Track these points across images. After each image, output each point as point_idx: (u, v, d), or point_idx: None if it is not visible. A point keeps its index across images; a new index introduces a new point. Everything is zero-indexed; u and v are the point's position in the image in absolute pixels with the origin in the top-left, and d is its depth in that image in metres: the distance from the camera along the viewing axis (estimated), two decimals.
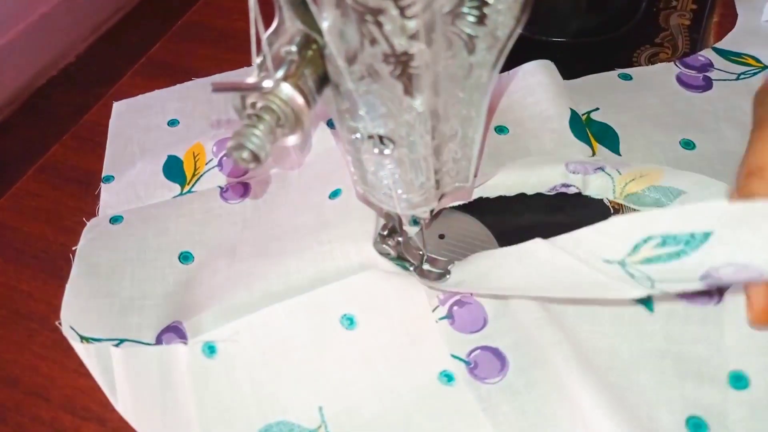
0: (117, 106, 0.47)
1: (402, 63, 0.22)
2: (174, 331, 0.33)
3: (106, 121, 0.46)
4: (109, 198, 0.41)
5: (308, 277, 0.33)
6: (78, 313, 0.34)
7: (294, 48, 0.23)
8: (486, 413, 0.29)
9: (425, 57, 0.22)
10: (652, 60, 0.45)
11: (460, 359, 0.31)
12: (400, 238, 0.34)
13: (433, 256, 0.35)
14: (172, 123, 0.45)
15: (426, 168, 0.27)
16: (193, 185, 0.40)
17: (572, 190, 0.37)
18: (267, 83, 0.23)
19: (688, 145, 0.39)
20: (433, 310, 0.32)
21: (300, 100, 0.23)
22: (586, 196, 0.37)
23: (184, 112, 0.46)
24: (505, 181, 0.37)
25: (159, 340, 0.33)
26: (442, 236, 0.36)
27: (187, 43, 0.52)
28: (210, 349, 0.30)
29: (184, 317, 0.33)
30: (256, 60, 0.23)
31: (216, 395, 0.30)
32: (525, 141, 0.39)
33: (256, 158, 0.23)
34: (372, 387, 0.30)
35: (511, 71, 0.42)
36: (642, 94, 0.42)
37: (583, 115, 0.40)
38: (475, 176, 0.30)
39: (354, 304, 0.31)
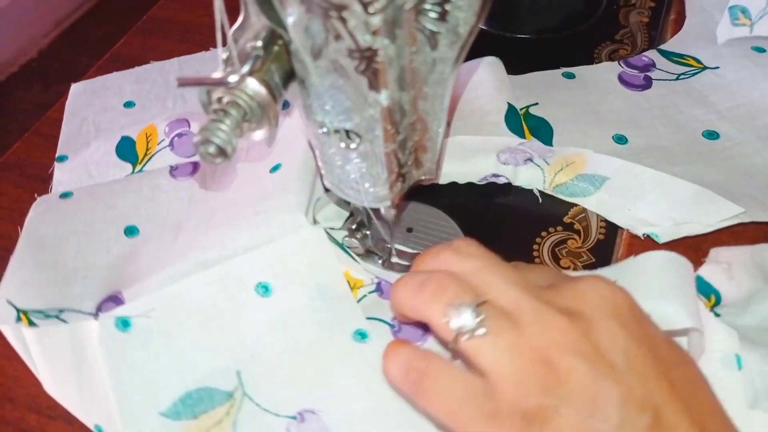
0: (74, 87, 0.47)
1: (366, 58, 0.22)
2: (113, 301, 0.33)
3: None
4: (61, 176, 0.41)
5: (242, 245, 0.33)
6: (20, 285, 0.34)
7: (260, 43, 0.23)
8: None
9: (389, 52, 0.22)
10: (612, 56, 0.46)
11: (384, 321, 0.32)
12: (368, 232, 0.35)
13: (402, 248, 0.35)
14: (129, 104, 0.45)
15: (392, 162, 0.27)
16: (144, 164, 0.41)
17: (502, 180, 0.38)
18: (233, 78, 0.23)
19: (620, 140, 0.40)
20: (365, 285, 0.34)
21: (266, 94, 0.23)
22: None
23: (140, 94, 0.46)
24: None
25: (99, 310, 0.34)
26: (410, 229, 0.37)
27: (152, 38, 0.51)
28: (124, 323, 0.31)
29: (124, 287, 0.34)
30: (222, 55, 0.24)
31: (133, 368, 0.30)
32: (464, 134, 0.40)
33: (222, 153, 0.23)
34: (288, 349, 0.31)
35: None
36: (582, 91, 0.43)
37: (522, 109, 0.41)
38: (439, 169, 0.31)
39: (268, 272, 0.32)
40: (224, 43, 0.23)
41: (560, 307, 0.24)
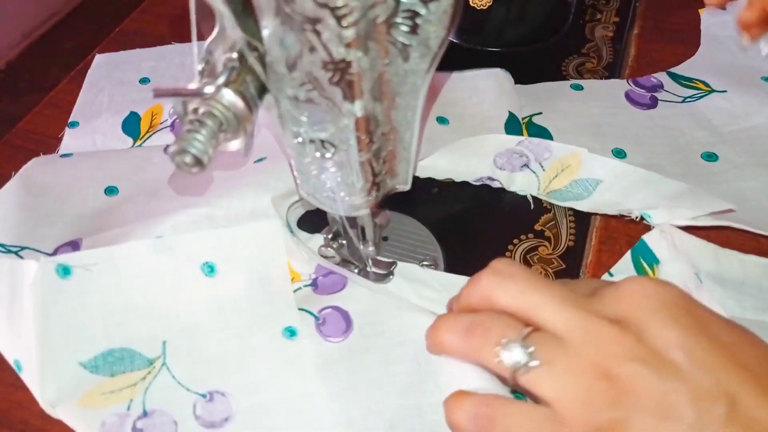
0: (98, 58, 0.50)
1: (340, 70, 0.23)
2: (72, 245, 0.35)
3: (41, 129, 0.45)
4: (69, 141, 0.44)
5: (199, 212, 0.34)
6: None
7: (235, 55, 0.24)
8: (319, 368, 0.31)
9: (362, 64, 0.23)
10: (579, 69, 0.47)
11: (311, 313, 0.33)
12: (344, 242, 0.35)
13: (378, 258, 0.36)
14: (144, 81, 0.48)
15: (366, 171, 0.28)
16: (144, 140, 0.43)
17: (496, 185, 0.39)
18: (208, 89, 0.23)
19: (619, 153, 0.40)
20: (302, 280, 0.35)
21: (242, 105, 0.24)
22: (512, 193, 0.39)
23: (156, 72, 0.49)
24: (437, 165, 0.39)
25: (55, 252, 0.35)
26: (385, 238, 0.37)
27: (123, 50, 0.51)
28: (64, 270, 0.31)
29: (86, 236, 0.35)
30: (198, 67, 0.24)
31: (63, 313, 0.30)
32: (462, 134, 0.41)
33: (198, 162, 0.23)
34: (218, 331, 0.32)
35: (463, 72, 0.44)
36: (588, 104, 0.44)
37: (525, 117, 0.42)
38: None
39: (218, 253, 0.33)
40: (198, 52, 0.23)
41: (608, 316, 0.24)
